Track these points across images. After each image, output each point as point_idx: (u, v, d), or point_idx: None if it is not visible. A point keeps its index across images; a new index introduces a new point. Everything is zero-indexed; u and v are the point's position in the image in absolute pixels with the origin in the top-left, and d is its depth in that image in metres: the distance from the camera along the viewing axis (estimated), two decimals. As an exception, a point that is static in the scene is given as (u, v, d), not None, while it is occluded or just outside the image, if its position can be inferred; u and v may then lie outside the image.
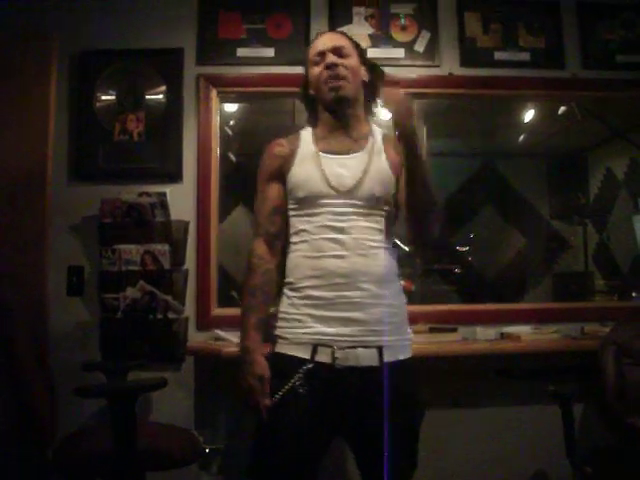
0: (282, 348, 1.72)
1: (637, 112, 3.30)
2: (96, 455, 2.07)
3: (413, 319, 2.84)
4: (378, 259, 1.72)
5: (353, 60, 1.81)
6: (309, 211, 1.74)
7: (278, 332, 1.75)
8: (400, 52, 2.97)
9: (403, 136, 1.62)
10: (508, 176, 4.32)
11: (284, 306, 1.76)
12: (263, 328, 1.74)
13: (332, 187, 1.72)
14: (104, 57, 2.88)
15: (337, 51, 1.80)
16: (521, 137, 4.06)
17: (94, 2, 2.91)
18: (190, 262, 2.79)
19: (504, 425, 2.79)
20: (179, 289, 2.72)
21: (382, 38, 2.98)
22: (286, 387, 1.63)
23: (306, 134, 1.87)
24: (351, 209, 1.72)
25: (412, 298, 3.31)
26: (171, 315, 2.67)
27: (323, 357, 1.65)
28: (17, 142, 2.74)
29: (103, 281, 2.72)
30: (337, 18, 2.96)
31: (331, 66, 1.77)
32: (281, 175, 1.82)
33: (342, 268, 1.67)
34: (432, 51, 2.98)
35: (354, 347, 1.66)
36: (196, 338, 2.73)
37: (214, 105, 2.87)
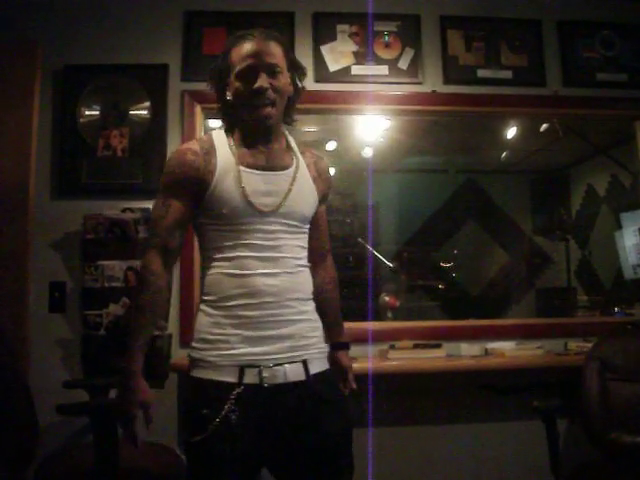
0: (206, 373, 1.61)
1: (617, 129, 3.36)
2: (78, 474, 2.04)
3: (397, 335, 2.86)
4: (303, 276, 1.72)
5: (283, 78, 1.67)
6: (233, 227, 1.64)
7: (198, 355, 1.63)
8: (384, 69, 2.99)
9: None
10: (491, 192, 4.35)
11: (205, 325, 1.65)
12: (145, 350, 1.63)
13: (259, 206, 1.63)
14: (88, 72, 2.87)
15: (270, 68, 1.64)
16: (503, 154, 4.10)
17: (78, 17, 2.91)
18: (173, 278, 2.77)
19: (488, 441, 2.79)
20: (162, 305, 2.70)
21: (366, 55, 3.00)
22: (219, 417, 1.54)
23: (220, 139, 1.71)
24: (280, 227, 1.67)
25: (396, 314, 3.31)
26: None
27: (250, 378, 1.58)
28: (-1, 157, 2.72)
29: (85, 297, 2.70)
30: (321, 35, 2.99)
31: (261, 91, 1.62)
32: (192, 188, 1.64)
33: (272, 287, 1.62)
34: (415, 68, 3.01)
35: (281, 364, 1.61)
36: (180, 355, 2.71)
37: (198, 121, 2.87)
